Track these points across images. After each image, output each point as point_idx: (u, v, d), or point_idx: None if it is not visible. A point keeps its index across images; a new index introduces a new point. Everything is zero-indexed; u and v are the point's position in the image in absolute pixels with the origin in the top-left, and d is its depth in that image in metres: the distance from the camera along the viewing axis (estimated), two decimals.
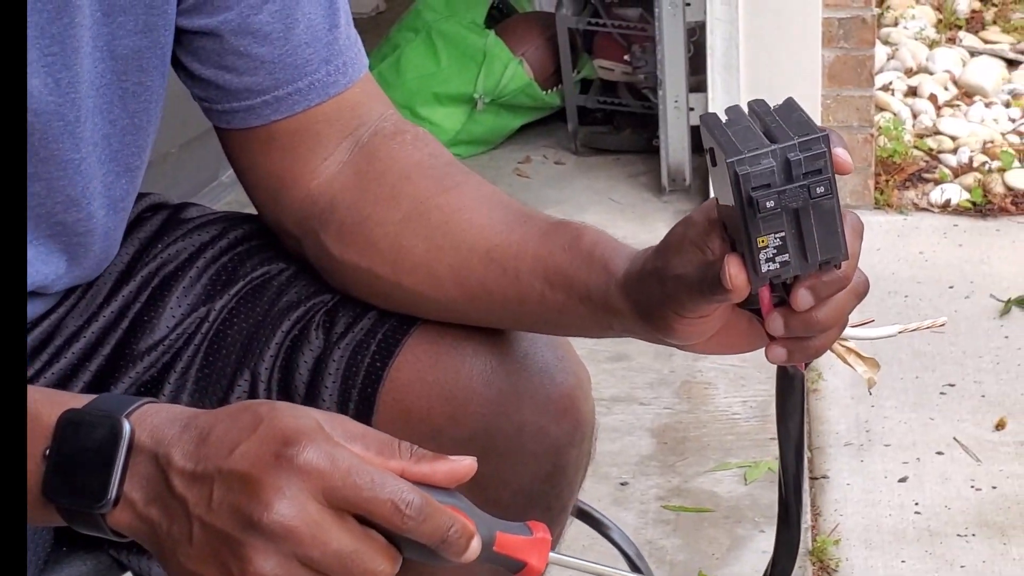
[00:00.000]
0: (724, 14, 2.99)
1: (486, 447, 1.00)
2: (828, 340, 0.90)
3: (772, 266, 0.82)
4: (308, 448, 0.76)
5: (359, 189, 1.04)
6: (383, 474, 0.78)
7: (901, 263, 2.87)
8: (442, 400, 1.01)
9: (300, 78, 1.03)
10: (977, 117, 3.44)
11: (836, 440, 2.28)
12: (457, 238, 1.01)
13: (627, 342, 2.58)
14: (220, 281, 1.09)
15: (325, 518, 0.76)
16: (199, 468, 0.78)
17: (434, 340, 1.03)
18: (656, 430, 2.32)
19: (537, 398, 1.03)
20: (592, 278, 0.96)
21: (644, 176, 3.34)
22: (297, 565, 0.77)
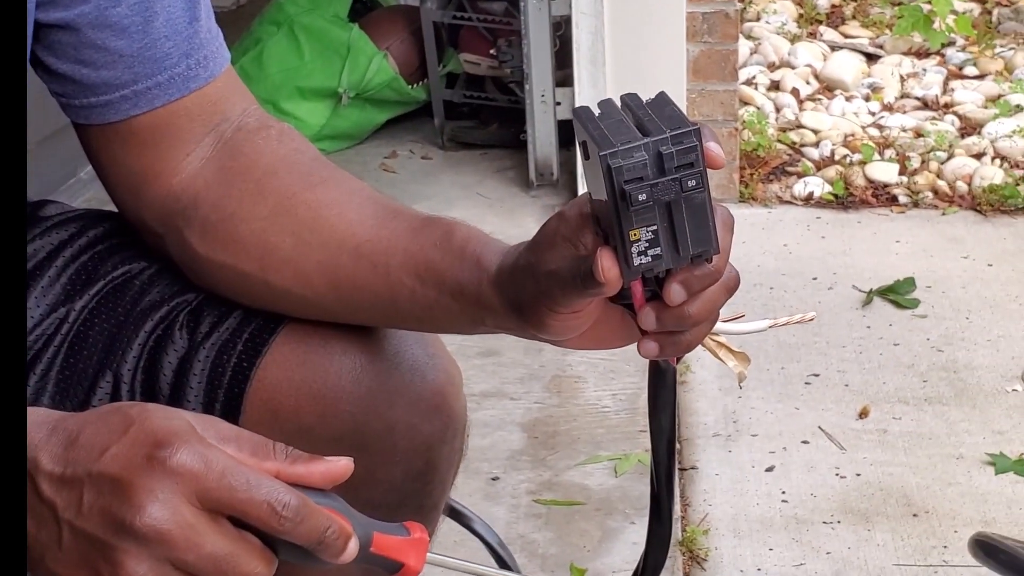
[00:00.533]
0: (589, 8, 3.00)
1: (357, 446, 0.99)
2: (700, 334, 0.90)
3: (644, 259, 0.82)
4: (181, 450, 0.75)
5: (223, 185, 1.02)
6: (258, 475, 0.77)
7: (766, 256, 2.90)
8: (311, 399, 1.00)
9: (159, 72, 1.01)
10: (838, 111, 3.50)
11: (704, 431, 2.30)
12: (325, 234, 1.00)
13: (497, 337, 2.57)
14: (80, 281, 1.06)
15: (199, 520, 0.75)
16: (68, 472, 0.77)
17: (302, 339, 1.01)
18: (527, 424, 2.31)
19: (408, 396, 1.02)
20: (464, 274, 0.95)
21: (512, 171, 3.34)
22: (171, 569, 0.76)
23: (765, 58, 3.80)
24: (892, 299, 2.69)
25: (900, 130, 3.37)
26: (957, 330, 2.58)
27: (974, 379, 2.43)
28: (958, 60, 3.79)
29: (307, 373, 1.00)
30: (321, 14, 3.44)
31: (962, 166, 3.18)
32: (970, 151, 3.25)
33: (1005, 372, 2.44)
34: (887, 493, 2.13)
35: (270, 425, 1.00)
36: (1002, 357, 2.49)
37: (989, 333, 2.57)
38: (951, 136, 3.32)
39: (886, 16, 4.12)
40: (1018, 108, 3.45)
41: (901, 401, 2.37)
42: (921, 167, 3.21)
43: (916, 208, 3.09)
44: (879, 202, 3.11)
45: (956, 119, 3.43)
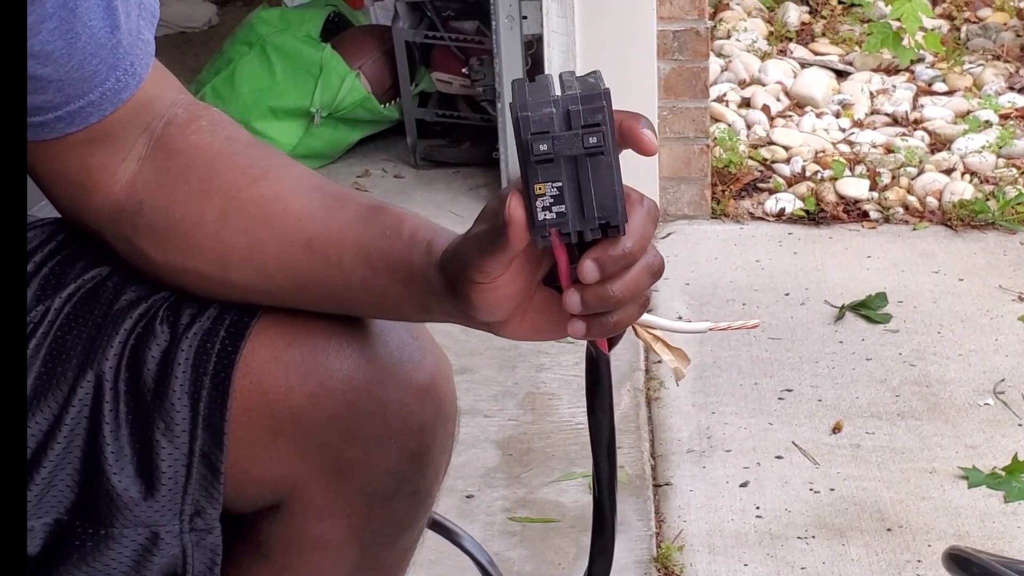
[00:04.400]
0: (561, 27, 3.01)
1: (351, 427, 0.99)
2: (627, 316, 0.91)
3: (548, 215, 0.84)
4: None
5: (166, 188, 1.02)
6: None
7: (738, 271, 2.91)
8: (301, 378, 0.99)
9: (90, 91, 1.00)
10: (808, 127, 3.51)
11: (678, 447, 2.30)
12: (277, 230, 1.00)
13: (471, 355, 2.58)
14: (50, 285, 1.05)
15: None
16: None
17: (287, 320, 1.01)
18: (501, 442, 2.31)
19: (398, 376, 1.02)
20: (415, 259, 0.96)
21: (484, 188, 3.34)
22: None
23: (736, 75, 3.82)
24: (864, 314, 2.70)
25: (870, 146, 3.39)
26: (929, 345, 2.60)
27: (946, 393, 2.44)
28: (927, 76, 3.82)
29: (295, 353, 1.00)
30: (293, 34, 3.44)
31: (932, 182, 3.20)
32: (940, 167, 3.27)
33: (977, 386, 2.46)
34: (861, 508, 2.14)
35: (260, 408, 0.99)
36: (974, 371, 2.50)
37: (961, 347, 2.58)
38: (921, 152, 3.34)
39: (855, 33, 4.14)
40: (987, 124, 3.47)
41: (874, 416, 2.38)
42: (891, 183, 3.22)
43: (887, 223, 3.11)
44: (850, 218, 3.13)
45: (926, 135, 3.45)
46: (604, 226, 0.86)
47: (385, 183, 3.37)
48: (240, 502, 1.02)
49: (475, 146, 3.49)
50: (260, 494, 1.03)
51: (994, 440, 2.30)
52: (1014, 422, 2.35)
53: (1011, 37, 4.01)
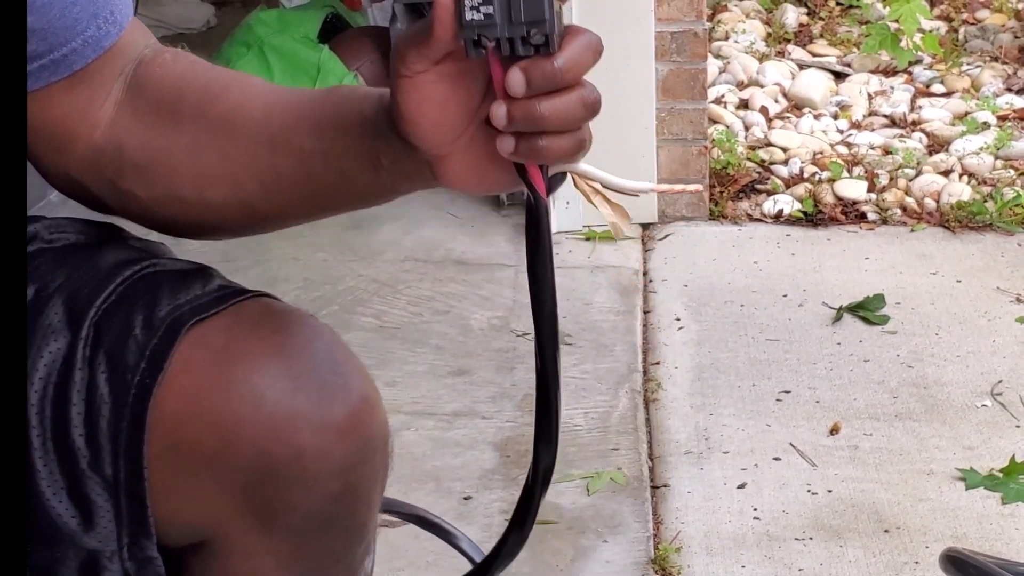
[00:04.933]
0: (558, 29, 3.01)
1: (265, 473, 0.98)
2: (557, 146, 0.91)
3: (476, 15, 0.85)
4: None
5: (141, 124, 1.04)
6: None
7: (736, 273, 2.91)
8: (213, 425, 0.98)
9: (73, 38, 1.02)
10: (807, 128, 3.52)
11: (676, 449, 2.30)
12: (243, 138, 1.02)
13: (469, 356, 2.58)
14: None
15: None
16: None
17: (202, 359, 1.00)
18: (499, 443, 2.31)
19: (315, 420, 0.99)
20: (366, 109, 0.98)
21: None
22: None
23: (734, 77, 3.82)
24: (862, 316, 2.70)
25: (868, 148, 3.39)
26: (927, 346, 2.60)
27: (944, 395, 2.44)
28: (925, 78, 3.82)
29: (207, 400, 0.99)
30: (291, 35, 3.44)
31: (930, 183, 3.20)
32: (938, 168, 3.27)
33: (975, 388, 2.46)
34: (859, 509, 2.14)
35: (176, 449, 0.98)
36: (971, 373, 2.50)
37: (958, 349, 2.58)
38: (919, 153, 3.34)
39: (854, 35, 4.14)
40: (985, 125, 3.47)
41: (872, 417, 2.38)
42: (890, 184, 3.23)
43: (885, 225, 3.11)
44: (848, 219, 3.13)
45: (924, 136, 3.46)
46: (537, 44, 0.87)
47: None
48: (169, 537, 1.02)
49: None
50: (186, 531, 1.02)
51: (992, 441, 2.30)
52: (1012, 423, 2.35)
53: (1009, 39, 4.01)
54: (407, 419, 2.37)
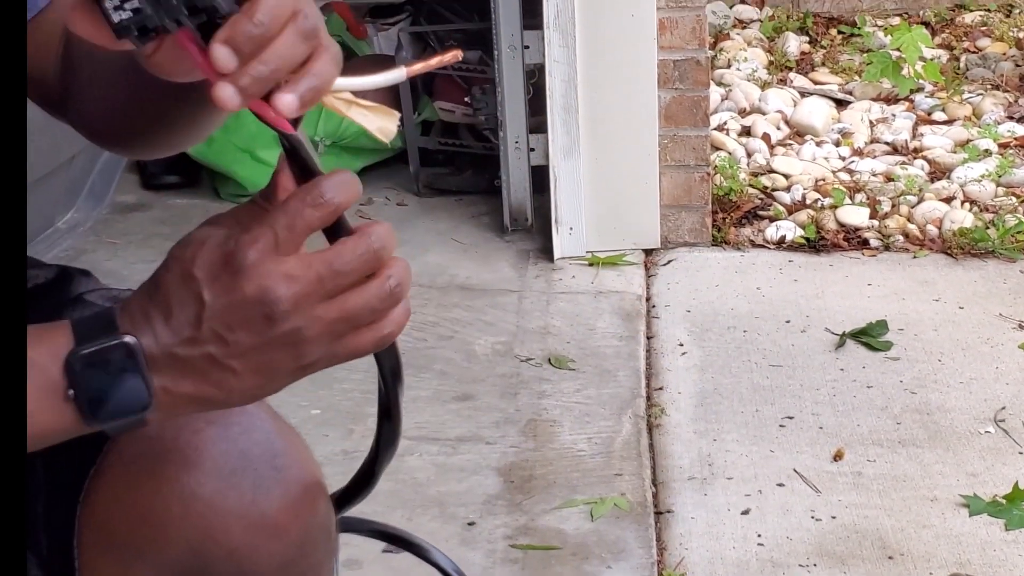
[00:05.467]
0: (562, 56, 3.03)
1: (197, 569, 0.97)
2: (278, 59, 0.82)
3: (124, 15, 0.79)
4: (244, 249, 0.82)
5: (71, 73, 1.09)
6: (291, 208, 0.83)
7: (739, 299, 2.92)
8: (142, 522, 0.98)
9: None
10: (809, 155, 3.53)
11: (680, 475, 2.31)
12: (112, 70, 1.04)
13: (474, 382, 2.59)
14: None
15: (306, 262, 0.82)
16: (191, 331, 0.83)
17: (133, 455, 0.99)
18: (502, 469, 2.32)
19: (249, 518, 0.98)
20: None
21: (486, 216, 3.36)
22: (329, 306, 0.83)
23: (736, 104, 3.84)
24: (865, 342, 2.71)
25: (870, 174, 3.40)
26: (930, 372, 2.60)
27: (947, 421, 2.45)
28: (927, 106, 3.83)
29: (137, 496, 0.98)
30: None
31: (932, 210, 3.21)
32: (940, 195, 3.28)
33: (978, 414, 2.46)
34: (862, 536, 2.14)
35: (108, 544, 0.98)
36: (974, 399, 2.51)
37: (961, 375, 2.59)
38: (921, 180, 3.35)
39: (855, 63, 4.16)
40: (986, 153, 3.48)
41: (875, 443, 2.39)
42: (892, 211, 3.24)
43: (887, 251, 3.12)
44: (851, 245, 3.14)
45: (926, 163, 3.47)
46: (207, 10, 0.78)
47: (388, 211, 3.38)
48: None
49: (477, 174, 3.50)
50: None
51: (995, 468, 2.30)
52: (1015, 450, 2.36)
53: (1010, 67, 4.03)
54: (411, 444, 2.38)
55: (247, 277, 0.82)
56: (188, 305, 0.83)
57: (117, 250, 3.15)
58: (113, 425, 0.85)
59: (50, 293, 1.08)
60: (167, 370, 0.84)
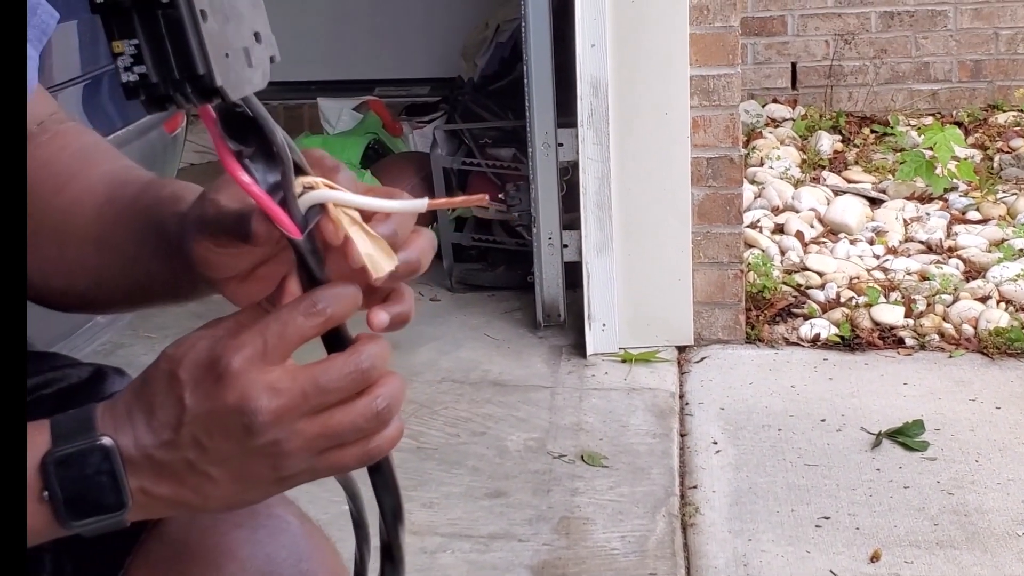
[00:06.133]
0: (596, 154, 3.05)
1: None
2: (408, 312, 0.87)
3: (131, 76, 0.79)
4: (229, 355, 0.81)
5: None
6: (284, 316, 0.82)
7: (774, 397, 2.90)
8: None
9: None
10: (843, 253, 3.53)
11: (715, 574, 2.28)
12: (74, 237, 1.02)
13: (506, 478, 2.57)
14: None
15: (292, 375, 0.81)
16: (171, 435, 0.82)
17: (157, 563, 0.99)
18: (535, 567, 2.30)
19: None
20: (165, 214, 0.97)
21: (519, 312, 3.36)
22: (312, 422, 0.81)
23: (769, 202, 3.85)
24: (901, 441, 2.69)
25: (905, 273, 3.39)
26: (967, 473, 2.57)
27: (985, 523, 2.41)
28: (961, 205, 3.83)
29: None
30: None
31: (967, 309, 3.20)
32: (975, 294, 3.27)
33: (1016, 515, 2.43)
34: None
35: None
36: (1012, 500, 2.48)
37: (999, 476, 2.56)
38: (956, 279, 3.34)
39: (888, 161, 4.17)
40: (1021, 252, 3.47)
41: (912, 544, 2.35)
42: (927, 310, 3.22)
43: (923, 350, 3.10)
44: (886, 344, 3.13)
45: (960, 262, 3.46)
46: (200, 88, 0.79)
47: (422, 306, 3.39)
48: None
49: (510, 270, 3.52)
50: None
51: None
52: None
53: None
54: (444, 541, 2.36)
55: (229, 385, 0.81)
56: (169, 407, 0.82)
57: (153, 344, 3.17)
58: (89, 527, 0.83)
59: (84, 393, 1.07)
60: (145, 472, 0.83)
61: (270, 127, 0.82)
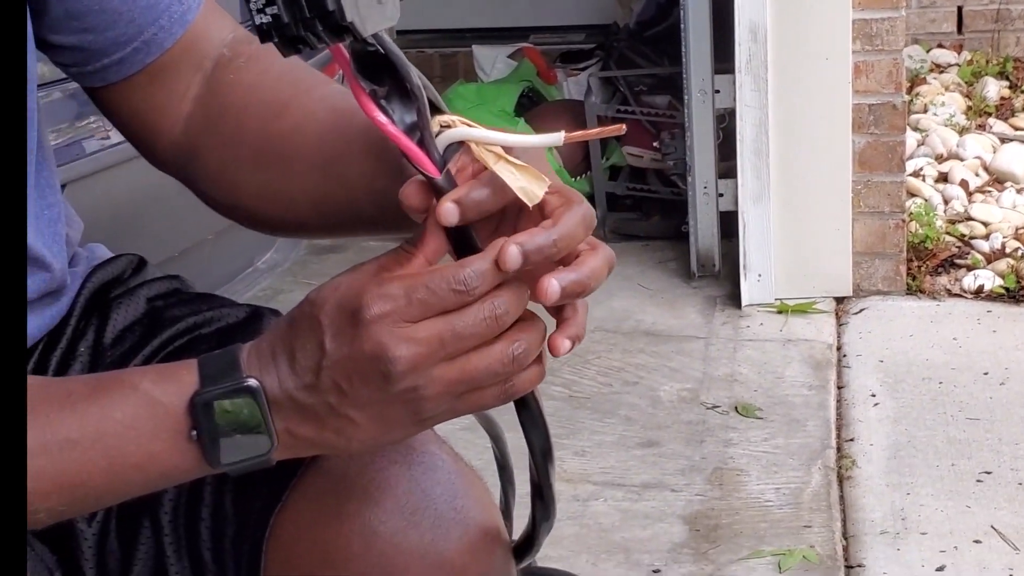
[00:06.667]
0: (754, 101, 3.00)
1: None
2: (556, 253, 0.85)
3: (264, 18, 0.80)
4: (370, 304, 0.82)
5: (210, 130, 1.07)
6: (434, 284, 0.82)
7: (935, 349, 2.84)
8: (324, 561, 0.98)
9: (159, 16, 1.05)
10: (1009, 203, 3.43)
11: (871, 528, 2.24)
12: (298, 162, 1.03)
13: (659, 428, 2.56)
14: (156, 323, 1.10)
15: (429, 322, 0.81)
16: (312, 379, 0.83)
17: (316, 494, 1.00)
18: (688, 517, 2.29)
19: (428, 558, 0.97)
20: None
21: (673, 262, 3.34)
22: (449, 367, 0.82)
23: (932, 150, 3.75)
24: None
25: None
26: None
27: None
28: None
29: (319, 534, 0.99)
30: (488, 108, 3.50)
31: None
32: None
33: None
34: None
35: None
36: None
37: None
38: None
39: None
40: None
41: None
42: None
43: None
44: None
45: None
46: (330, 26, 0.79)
47: None
48: None
49: (664, 220, 3.49)
50: None
51: None
52: None
53: None
54: (596, 489, 2.37)
55: (367, 333, 0.81)
56: (310, 352, 0.83)
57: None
58: (236, 466, 0.85)
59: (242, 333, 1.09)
60: (289, 413, 0.84)
61: (404, 65, 0.82)
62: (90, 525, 1.04)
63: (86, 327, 1.10)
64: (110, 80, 1.06)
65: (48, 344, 1.09)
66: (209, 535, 1.02)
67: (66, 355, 1.09)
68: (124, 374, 0.89)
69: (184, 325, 1.10)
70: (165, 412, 0.84)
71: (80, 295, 1.12)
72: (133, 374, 0.88)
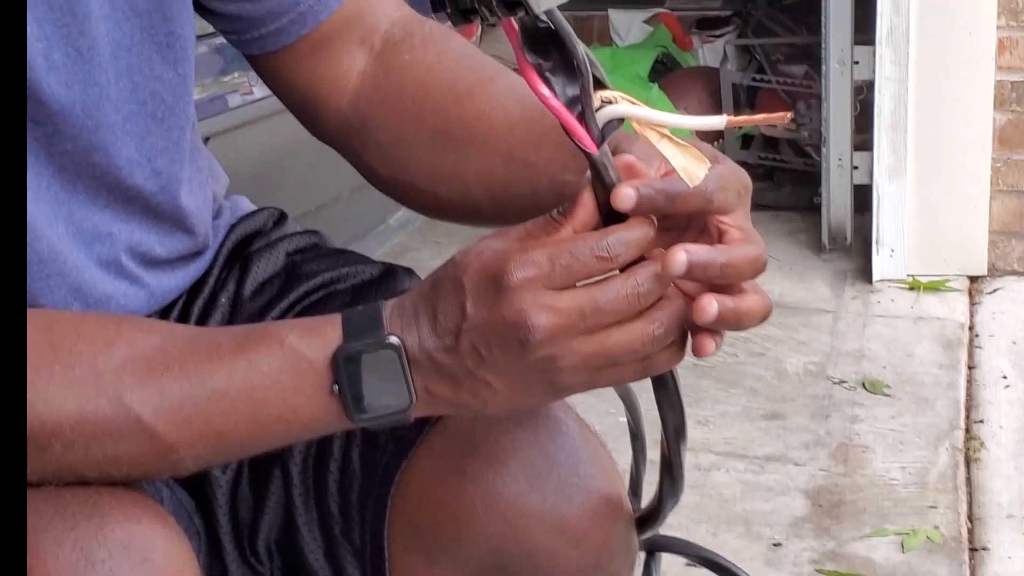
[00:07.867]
0: (894, 73, 2.96)
1: (497, 567, 0.99)
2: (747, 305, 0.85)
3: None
4: (513, 270, 0.82)
5: (384, 107, 1.08)
6: (578, 251, 0.82)
7: None
8: (447, 520, 0.99)
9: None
10: None
11: (998, 511, 2.21)
12: (479, 146, 1.04)
13: (784, 400, 2.55)
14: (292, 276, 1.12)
15: (571, 294, 0.82)
16: (452, 341, 0.84)
17: (442, 452, 1.01)
18: (810, 492, 2.27)
19: (550, 521, 0.98)
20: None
21: (803, 234, 3.30)
22: (588, 341, 0.82)
23: None
24: None
25: None
26: None
27: None
28: None
29: (443, 493, 1.00)
30: (623, 74, 3.49)
31: None
32: None
33: None
34: None
35: (413, 538, 1.01)
36: None
37: None
38: None
39: None
40: None
41: None
42: None
43: None
44: None
45: None
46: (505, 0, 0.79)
47: None
48: None
49: (796, 190, 3.46)
50: None
51: None
52: None
53: None
54: (718, 459, 2.36)
55: (508, 299, 0.81)
56: (451, 314, 0.84)
57: (440, 249, 3.25)
58: (375, 422, 0.86)
59: (375, 289, 1.11)
60: (428, 372, 0.85)
61: (572, 41, 0.82)
62: (224, 472, 1.07)
63: (227, 278, 1.13)
64: (268, 49, 1.08)
65: (191, 294, 1.12)
66: (336, 488, 1.04)
67: (208, 305, 1.12)
68: (271, 327, 0.90)
69: (320, 280, 1.12)
70: (309, 366, 0.86)
71: (223, 247, 1.15)
72: (280, 328, 0.89)
